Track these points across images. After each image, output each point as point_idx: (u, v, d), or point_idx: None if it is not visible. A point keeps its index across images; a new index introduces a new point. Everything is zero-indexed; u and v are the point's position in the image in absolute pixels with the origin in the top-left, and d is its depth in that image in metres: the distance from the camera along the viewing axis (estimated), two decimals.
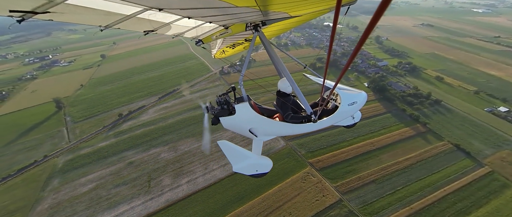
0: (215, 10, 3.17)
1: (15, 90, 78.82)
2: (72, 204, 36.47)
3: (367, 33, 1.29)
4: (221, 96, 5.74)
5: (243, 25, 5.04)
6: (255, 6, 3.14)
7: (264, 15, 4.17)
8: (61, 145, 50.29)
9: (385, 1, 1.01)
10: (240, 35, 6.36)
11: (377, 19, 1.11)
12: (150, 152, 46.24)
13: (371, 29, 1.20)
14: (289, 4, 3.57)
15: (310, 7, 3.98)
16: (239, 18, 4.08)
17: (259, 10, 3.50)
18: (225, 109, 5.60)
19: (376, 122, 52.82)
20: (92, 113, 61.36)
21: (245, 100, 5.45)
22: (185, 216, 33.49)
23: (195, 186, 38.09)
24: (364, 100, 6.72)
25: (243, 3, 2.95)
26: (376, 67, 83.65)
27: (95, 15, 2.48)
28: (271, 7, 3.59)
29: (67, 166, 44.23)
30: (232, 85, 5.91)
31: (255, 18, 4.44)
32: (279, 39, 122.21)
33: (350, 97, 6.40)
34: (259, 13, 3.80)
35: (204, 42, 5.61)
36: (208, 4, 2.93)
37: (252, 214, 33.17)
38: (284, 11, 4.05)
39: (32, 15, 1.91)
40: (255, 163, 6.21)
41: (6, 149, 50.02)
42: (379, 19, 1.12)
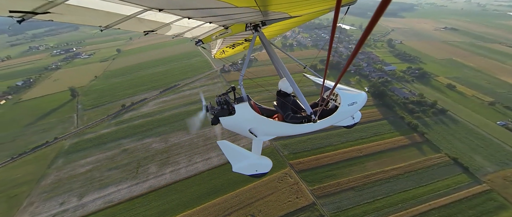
0: (215, 10, 3.19)
1: (41, 78, 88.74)
2: (70, 182, 40.84)
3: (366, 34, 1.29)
4: (221, 96, 5.72)
5: (243, 25, 5.03)
6: (255, 6, 3.14)
7: (264, 15, 4.16)
8: (70, 129, 56.04)
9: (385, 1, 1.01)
10: (240, 35, 6.33)
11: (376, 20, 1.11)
12: (143, 142, 49.68)
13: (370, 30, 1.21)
14: (289, 4, 3.59)
15: (310, 7, 3.97)
16: (239, 18, 4.08)
17: (259, 10, 3.50)
18: (225, 109, 5.57)
19: (369, 128, 50.94)
20: (100, 103, 67.13)
21: (245, 100, 5.43)
22: (162, 202, 35.84)
23: (177, 176, 40.39)
24: (364, 101, 6.67)
25: (243, 3, 2.95)
26: (382, 72, 79.88)
27: (95, 16, 2.50)
28: (271, 8, 3.60)
29: (71, 148, 49.33)
30: (232, 85, 5.88)
31: (255, 18, 4.44)
32: (285, 39, 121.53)
33: (350, 97, 6.36)
34: (259, 13, 3.80)
35: (204, 42, 5.62)
36: (208, 5, 2.95)
37: (224, 207, 34.46)
38: (284, 11, 4.04)
39: (32, 15, 1.91)
40: (255, 163, 6.21)
41: (26, 130, 57.04)
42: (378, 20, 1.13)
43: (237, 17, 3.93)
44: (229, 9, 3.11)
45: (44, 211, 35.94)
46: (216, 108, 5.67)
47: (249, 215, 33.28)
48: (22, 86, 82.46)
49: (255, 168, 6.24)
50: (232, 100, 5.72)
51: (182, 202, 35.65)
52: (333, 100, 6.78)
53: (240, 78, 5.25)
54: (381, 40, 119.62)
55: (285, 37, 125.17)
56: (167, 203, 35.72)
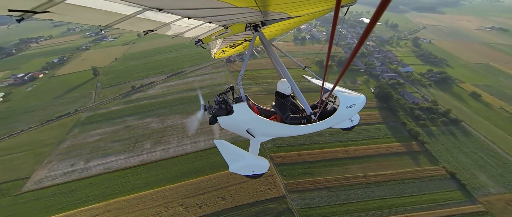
0: (215, 10, 3.19)
1: (72, 57, 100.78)
2: (81, 148, 47.74)
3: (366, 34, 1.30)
4: (219, 96, 5.73)
5: (243, 25, 5.05)
6: (255, 7, 3.16)
7: (264, 16, 4.20)
8: (87, 104, 64.03)
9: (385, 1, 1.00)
10: (240, 35, 6.35)
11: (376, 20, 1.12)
12: (144, 121, 54.82)
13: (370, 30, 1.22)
14: (289, 5, 3.60)
15: (310, 7, 4.00)
16: (239, 18, 4.10)
17: (259, 11, 3.52)
18: (223, 109, 5.59)
19: (363, 131, 48.67)
20: (115, 82, 74.58)
21: (244, 100, 5.44)
22: (150, 175, 40.19)
23: (166, 154, 44.42)
24: (362, 103, 6.69)
25: (242, 3, 2.97)
26: (396, 73, 73.53)
27: (95, 15, 2.50)
28: (271, 8, 3.62)
29: (86, 120, 56.81)
30: (230, 85, 5.93)
31: (255, 18, 4.46)
32: (298, 32, 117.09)
33: (349, 100, 6.37)
34: (259, 14, 3.81)
35: (204, 42, 5.64)
36: (208, 5, 2.96)
37: (200, 187, 37.41)
38: (284, 11, 4.06)
39: (31, 14, 1.92)
40: (252, 164, 6.21)
41: (54, 101, 66.76)
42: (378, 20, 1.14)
43: (237, 17, 3.93)
44: (229, 9, 3.13)
45: (58, 169, 43.10)
46: (214, 108, 5.66)
47: (220, 197, 35.74)
48: (57, 63, 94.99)
49: (252, 168, 6.23)
50: (231, 100, 5.74)
51: (166, 177, 39.56)
52: (331, 102, 6.76)
53: (239, 78, 5.22)
54: (406, 38, 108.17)
55: (299, 29, 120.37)
56: (153, 176, 39.98)
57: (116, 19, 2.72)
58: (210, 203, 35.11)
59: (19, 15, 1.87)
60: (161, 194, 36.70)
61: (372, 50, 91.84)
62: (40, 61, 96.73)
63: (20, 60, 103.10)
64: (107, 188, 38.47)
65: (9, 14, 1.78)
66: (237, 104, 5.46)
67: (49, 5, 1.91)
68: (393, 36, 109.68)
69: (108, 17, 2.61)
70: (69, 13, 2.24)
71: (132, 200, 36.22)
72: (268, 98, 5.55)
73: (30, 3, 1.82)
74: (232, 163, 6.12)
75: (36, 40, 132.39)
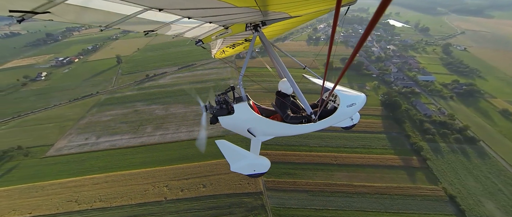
0: (215, 10, 3.19)
1: (103, 46, 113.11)
2: (94, 125, 54.49)
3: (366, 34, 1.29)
4: (220, 95, 5.76)
5: (243, 25, 5.07)
6: (255, 6, 3.18)
7: (264, 15, 4.22)
8: (107, 87, 72.04)
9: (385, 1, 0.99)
10: (240, 35, 6.38)
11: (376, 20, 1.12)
12: (151, 107, 59.91)
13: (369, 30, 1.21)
14: (289, 4, 3.62)
15: (310, 7, 4.02)
16: (239, 18, 4.12)
17: (259, 10, 3.53)
18: (224, 108, 5.63)
19: (359, 139, 46.41)
20: (133, 70, 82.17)
21: (244, 99, 5.49)
22: (146, 155, 44.35)
23: (163, 139, 48.33)
24: (363, 102, 6.73)
25: (243, 3, 2.99)
26: (413, 81, 67.39)
27: (95, 15, 2.50)
28: (271, 7, 3.62)
29: (104, 102, 64.23)
30: (231, 85, 5.96)
31: (255, 18, 4.49)
32: (314, 31, 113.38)
33: (349, 99, 6.41)
34: (259, 13, 3.83)
35: (204, 42, 5.62)
36: (208, 4, 2.97)
37: (186, 172, 40.17)
38: (284, 11, 4.08)
39: (32, 15, 1.92)
40: (253, 163, 6.25)
41: (83, 83, 76.47)
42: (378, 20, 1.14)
43: (237, 17, 3.94)
44: (229, 9, 3.14)
45: (75, 141, 50.08)
46: (215, 108, 5.72)
47: (202, 185, 37.99)
48: (91, 50, 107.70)
49: (253, 168, 6.27)
50: (231, 100, 5.76)
51: (158, 160, 43.28)
52: (332, 101, 6.77)
53: (240, 78, 5.25)
54: (436, 44, 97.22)
55: (316, 29, 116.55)
56: (148, 157, 44.05)
57: (116, 20, 2.75)
58: (192, 188, 37.62)
59: (19, 16, 1.90)
60: (152, 174, 40.42)
61: (391, 55, 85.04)
62: (78, 47, 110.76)
63: (63, 45, 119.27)
64: (109, 162, 43.65)
65: (10, 14, 1.81)
66: (238, 104, 5.50)
67: (50, 5, 1.93)
68: (421, 41, 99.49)
69: (109, 17, 2.64)
70: (70, 14, 2.26)
71: (127, 175, 40.63)
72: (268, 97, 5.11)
73: (30, 4, 1.84)
74: (233, 162, 6.14)
75: (78, 29, 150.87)
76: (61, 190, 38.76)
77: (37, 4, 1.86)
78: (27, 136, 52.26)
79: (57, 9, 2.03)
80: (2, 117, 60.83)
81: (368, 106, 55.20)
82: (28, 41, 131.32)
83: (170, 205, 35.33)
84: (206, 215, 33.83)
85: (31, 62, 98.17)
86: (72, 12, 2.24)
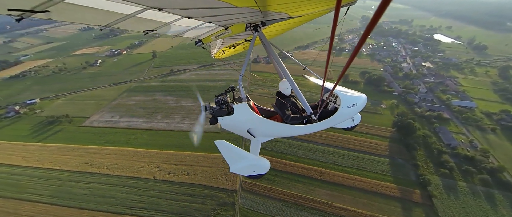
0: (215, 10, 3.19)
1: (147, 42, 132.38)
2: (121, 107, 64.97)
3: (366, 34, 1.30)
4: (219, 96, 5.71)
5: (243, 26, 5.05)
6: (255, 7, 3.19)
7: (264, 16, 4.23)
8: (139, 77, 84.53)
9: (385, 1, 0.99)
10: (240, 35, 6.35)
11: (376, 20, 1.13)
12: (166, 98, 67.83)
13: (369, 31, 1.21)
14: (289, 5, 3.63)
15: (310, 7, 4.03)
16: (239, 18, 4.12)
17: (259, 11, 3.54)
18: (224, 109, 5.57)
19: (356, 158, 42.78)
20: (162, 65, 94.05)
21: (244, 100, 5.45)
22: (149, 138, 50.77)
23: (168, 126, 54.36)
24: (364, 103, 6.62)
25: (243, 3, 2.99)
26: (444, 104, 57.85)
27: (95, 14, 2.49)
28: (271, 8, 3.64)
29: (133, 89, 75.75)
30: (231, 85, 5.84)
31: (255, 18, 4.49)
32: (340, 42, 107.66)
33: (350, 99, 6.34)
34: (259, 14, 3.83)
35: (204, 42, 5.57)
36: (208, 4, 2.97)
37: (176, 159, 44.37)
38: (284, 11, 4.08)
39: (31, 14, 1.91)
40: (253, 164, 6.15)
41: (123, 71, 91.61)
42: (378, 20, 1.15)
43: (237, 17, 3.96)
44: (229, 9, 3.15)
45: (104, 117, 60.83)
46: (214, 108, 5.68)
47: (186, 172, 41.41)
48: (137, 45, 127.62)
49: (253, 169, 6.19)
50: (231, 100, 5.74)
51: (158, 144, 49.02)
52: (332, 102, 6.70)
53: (240, 79, 5.23)
54: (492, 65, 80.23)
55: (342, 39, 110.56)
56: (151, 140, 50.33)
57: (116, 19, 2.76)
58: (177, 174, 41.43)
59: (18, 15, 1.89)
60: (149, 155, 46.15)
61: (424, 73, 74.39)
62: (127, 42, 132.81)
63: (119, 40, 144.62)
64: (122, 139, 51.67)
65: (8, 13, 1.80)
66: (237, 105, 5.49)
67: (49, 4, 1.93)
68: (471, 60, 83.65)
69: (108, 16, 2.65)
70: (69, 13, 2.28)
71: (131, 152, 47.40)
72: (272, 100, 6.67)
73: (29, 3, 1.83)
74: (233, 163, 6.06)
75: None
76: (83, 153, 47.95)
77: (36, 3, 1.86)
78: (74, 108, 66.11)
79: (56, 8, 2.04)
80: (63, 91, 78.41)
81: (377, 125, 50.26)
82: (97, 34, 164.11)
83: (156, 184, 39.79)
84: (181, 199, 36.88)
85: (93, 51, 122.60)
86: (71, 11, 2.25)
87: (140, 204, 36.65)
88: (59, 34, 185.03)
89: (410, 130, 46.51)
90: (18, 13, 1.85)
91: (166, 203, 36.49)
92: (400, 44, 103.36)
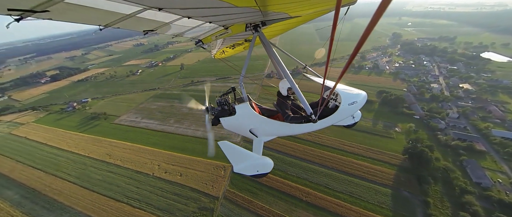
0: (215, 10, 3.20)
1: (180, 56, 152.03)
2: (145, 110, 75.55)
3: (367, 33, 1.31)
4: (221, 97, 5.86)
5: (243, 26, 5.08)
6: (255, 6, 3.20)
7: (264, 16, 4.25)
8: (165, 85, 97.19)
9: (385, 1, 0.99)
10: (240, 35, 6.40)
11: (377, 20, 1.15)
12: (181, 105, 75.71)
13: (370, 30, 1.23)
14: (289, 5, 3.67)
15: (310, 7, 4.07)
16: (239, 18, 4.14)
17: (259, 11, 3.56)
18: (226, 110, 5.66)
19: (351, 184, 39.06)
20: (185, 76, 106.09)
21: (245, 100, 5.51)
22: (157, 139, 57.28)
23: (176, 130, 60.44)
24: (364, 100, 6.58)
25: (243, 3, 3.00)
26: (480, 134, 48.27)
27: (95, 14, 2.50)
28: (271, 8, 3.67)
29: (158, 95, 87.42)
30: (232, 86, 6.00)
31: (255, 18, 4.52)
32: (361, 59, 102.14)
33: (350, 97, 6.36)
34: (259, 14, 3.85)
35: (204, 43, 5.68)
36: (208, 4, 2.98)
37: (174, 160, 48.61)
38: (284, 11, 4.11)
39: (31, 14, 1.92)
40: (256, 164, 6.14)
41: (154, 80, 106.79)
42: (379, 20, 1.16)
43: (237, 17, 3.99)
44: (229, 9, 3.16)
45: (130, 117, 71.69)
46: (216, 109, 5.84)
47: (179, 173, 44.85)
48: (171, 58, 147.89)
49: (256, 168, 6.16)
50: (233, 101, 5.90)
51: (164, 144, 54.80)
52: (333, 100, 6.77)
53: (240, 79, 5.29)
54: None
55: (363, 57, 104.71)
56: (159, 141, 56.67)
57: (116, 19, 2.77)
58: (172, 173, 45.27)
59: (18, 14, 1.89)
60: (154, 153, 51.92)
61: (460, 96, 63.76)
62: (164, 56, 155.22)
63: (159, 54, 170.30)
64: (138, 137, 59.72)
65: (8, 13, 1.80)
66: (239, 105, 5.59)
67: (49, 4, 1.93)
68: None
69: (108, 16, 2.66)
70: (69, 13, 2.29)
71: (142, 149, 54.21)
72: None
73: (29, 3, 1.83)
74: (236, 163, 6.09)
75: (173, 43, 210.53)
76: (107, 145, 57.23)
77: (36, 3, 1.87)
78: (111, 108, 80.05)
79: (56, 8, 2.05)
80: (108, 94, 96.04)
81: (384, 150, 45.60)
82: (145, 49, 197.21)
83: (153, 180, 44.27)
84: (169, 197, 39.93)
85: (138, 63, 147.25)
86: (71, 11, 2.28)
87: (136, 195, 41.22)
88: (119, 49, 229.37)
89: (425, 160, 40.16)
90: (18, 13, 1.88)
91: (156, 198, 40.07)
92: (433, 62, 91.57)
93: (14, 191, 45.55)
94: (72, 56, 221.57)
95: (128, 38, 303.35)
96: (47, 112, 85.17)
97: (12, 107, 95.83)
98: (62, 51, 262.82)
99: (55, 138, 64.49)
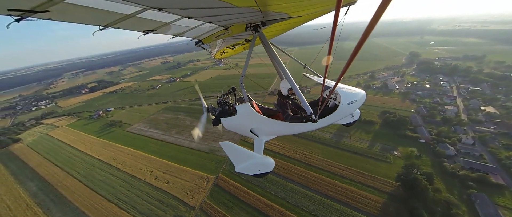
0: (215, 10, 3.21)
1: (196, 73, 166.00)
2: (154, 120, 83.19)
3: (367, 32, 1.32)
4: (222, 97, 6.01)
5: (243, 26, 5.11)
6: (255, 7, 3.21)
7: (264, 16, 4.28)
8: (176, 99, 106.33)
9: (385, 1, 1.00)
10: (240, 35, 6.38)
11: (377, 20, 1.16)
12: (186, 118, 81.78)
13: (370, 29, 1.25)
14: (289, 5, 3.69)
15: (310, 7, 4.08)
16: (239, 18, 4.17)
17: (259, 11, 3.57)
18: (226, 110, 5.79)
19: (333, 210, 36.56)
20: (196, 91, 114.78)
21: (246, 100, 5.61)
22: (157, 147, 62.05)
23: (175, 141, 65.00)
24: (363, 99, 6.68)
25: (243, 3, 3.01)
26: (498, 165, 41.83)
27: (95, 15, 2.51)
28: (271, 8, 3.68)
29: (168, 108, 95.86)
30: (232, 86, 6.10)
31: (255, 18, 4.55)
32: (370, 79, 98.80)
33: (350, 96, 6.43)
34: (259, 14, 3.87)
35: (204, 43, 5.69)
36: (208, 4, 2.99)
37: (166, 168, 51.84)
38: (284, 11, 4.14)
39: (31, 14, 1.93)
40: (258, 163, 6.17)
41: (170, 93, 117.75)
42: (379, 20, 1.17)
43: (237, 17, 4.01)
44: (229, 9, 3.17)
45: (140, 126, 79.49)
46: (217, 109, 5.98)
47: (167, 181, 47.50)
48: (189, 75, 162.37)
49: (258, 168, 6.18)
50: (233, 101, 6.05)
51: (161, 153, 59.11)
52: (333, 99, 6.83)
53: (241, 79, 5.38)
54: None
55: (372, 76, 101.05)
56: (158, 149, 61.36)
57: (116, 19, 2.78)
58: (161, 180, 48.20)
59: (18, 15, 1.91)
60: (150, 160, 56.23)
61: (480, 120, 56.66)
62: (183, 72, 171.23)
63: (179, 70, 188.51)
64: (141, 144, 65.61)
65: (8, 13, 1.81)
66: (240, 105, 5.76)
67: (49, 4, 1.95)
68: None
69: (108, 16, 2.67)
70: (69, 13, 2.31)
71: (142, 156, 59.23)
72: None
73: (29, 3, 1.85)
74: (238, 163, 6.11)
75: (192, 61, 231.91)
76: (114, 150, 63.95)
77: (36, 3, 1.89)
78: (127, 117, 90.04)
79: (56, 8, 2.07)
80: (128, 104, 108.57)
81: (377, 175, 42.66)
82: (169, 66, 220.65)
83: (143, 184, 47.61)
84: (152, 203, 42.27)
85: (160, 78, 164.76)
86: (71, 11, 2.30)
87: (125, 197, 44.62)
88: (149, 65, 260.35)
89: (419, 190, 36.07)
90: (18, 14, 1.89)
91: (141, 202, 42.79)
92: (452, 83, 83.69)
93: (34, 183, 53.23)
94: (111, 71, 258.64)
95: (158, 56, 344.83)
96: (79, 118, 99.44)
97: (55, 112, 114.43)
98: (105, 67, 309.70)
99: (77, 140, 74.51)
